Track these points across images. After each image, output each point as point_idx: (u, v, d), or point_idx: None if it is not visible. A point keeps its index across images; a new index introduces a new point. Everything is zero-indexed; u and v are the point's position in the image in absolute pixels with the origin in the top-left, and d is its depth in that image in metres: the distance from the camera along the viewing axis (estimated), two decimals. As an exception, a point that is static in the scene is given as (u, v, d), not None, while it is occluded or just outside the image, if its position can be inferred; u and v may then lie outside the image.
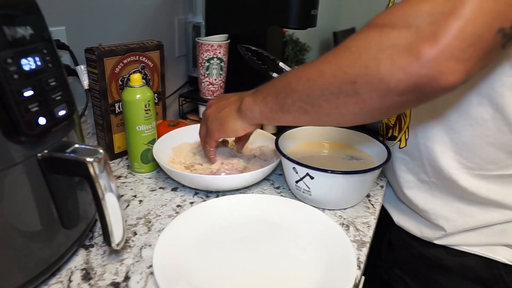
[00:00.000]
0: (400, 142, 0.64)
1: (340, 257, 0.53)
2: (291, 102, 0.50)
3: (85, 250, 0.54)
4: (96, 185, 0.44)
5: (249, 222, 0.61)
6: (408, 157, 0.63)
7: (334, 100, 0.44)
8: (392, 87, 0.38)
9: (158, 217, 0.62)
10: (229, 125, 0.61)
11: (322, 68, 0.45)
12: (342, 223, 0.62)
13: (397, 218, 0.71)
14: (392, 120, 0.66)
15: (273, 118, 0.55)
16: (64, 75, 0.46)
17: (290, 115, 0.51)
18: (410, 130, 0.61)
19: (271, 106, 0.54)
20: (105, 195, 0.45)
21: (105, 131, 0.77)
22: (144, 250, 0.55)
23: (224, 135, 0.65)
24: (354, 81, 0.41)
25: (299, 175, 0.62)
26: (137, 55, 0.77)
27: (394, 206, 0.72)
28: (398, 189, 0.68)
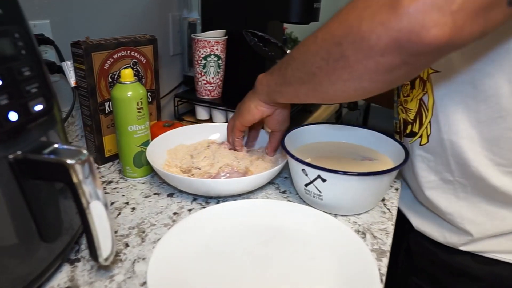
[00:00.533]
0: (421, 139, 0.58)
1: (360, 269, 0.46)
2: (291, 72, 0.50)
3: (70, 265, 0.48)
4: (79, 192, 0.38)
5: (254, 230, 0.55)
6: (430, 155, 0.58)
7: (325, 66, 0.44)
8: (373, 45, 0.37)
9: (153, 226, 0.56)
10: (244, 106, 0.63)
11: (316, 34, 0.45)
12: (358, 230, 0.56)
13: (416, 223, 0.65)
14: (411, 115, 0.60)
15: (278, 91, 0.55)
16: (41, 65, 0.39)
17: (291, 86, 0.52)
18: (433, 125, 0.56)
19: (276, 78, 0.55)
20: (90, 203, 0.39)
21: (94, 132, 0.70)
22: (137, 264, 0.49)
23: (241, 118, 0.64)
24: (339, 42, 0.40)
25: (309, 178, 0.56)
26: (128, 50, 0.71)
27: (413, 210, 0.66)
28: (418, 191, 0.62)
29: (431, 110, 0.56)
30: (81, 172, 0.37)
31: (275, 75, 0.55)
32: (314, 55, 0.45)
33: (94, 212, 0.39)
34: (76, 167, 0.37)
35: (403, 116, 0.62)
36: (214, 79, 0.97)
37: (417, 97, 0.58)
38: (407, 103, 0.61)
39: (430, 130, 0.56)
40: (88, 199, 0.39)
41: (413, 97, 0.59)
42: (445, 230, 0.60)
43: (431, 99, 0.55)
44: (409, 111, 0.60)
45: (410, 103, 0.60)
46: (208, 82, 0.97)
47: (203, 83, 0.97)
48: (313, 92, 0.49)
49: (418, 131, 0.59)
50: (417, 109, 0.58)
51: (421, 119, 0.58)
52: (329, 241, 0.52)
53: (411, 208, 0.67)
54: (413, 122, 0.60)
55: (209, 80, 0.96)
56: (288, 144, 0.61)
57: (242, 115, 0.64)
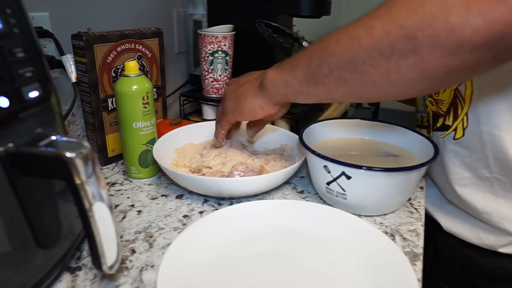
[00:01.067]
0: (455, 132, 0.54)
1: (395, 275, 0.41)
2: (327, 69, 0.41)
3: (71, 274, 0.43)
4: (81, 192, 0.33)
5: (273, 234, 0.50)
6: (464, 150, 0.53)
7: (384, 63, 0.36)
8: (466, 40, 0.30)
9: (162, 230, 0.51)
10: (246, 103, 0.52)
11: (371, 24, 0.36)
12: (385, 232, 0.51)
13: (445, 223, 0.60)
14: (443, 107, 0.55)
15: (301, 92, 0.46)
16: (37, 47, 0.35)
17: (323, 87, 0.42)
18: (470, 117, 0.51)
19: (300, 76, 0.44)
20: (93, 205, 0.34)
21: (96, 131, 0.66)
22: (145, 273, 0.44)
23: (239, 116, 0.55)
24: (413, 36, 0.33)
25: (332, 175, 0.51)
26: (132, 43, 0.66)
27: (441, 209, 0.61)
28: (448, 189, 0.57)
29: (468, 100, 0.51)
30: (82, 168, 0.32)
31: (298, 73, 0.45)
32: (370, 51, 0.36)
33: (97, 215, 0.35)
34: (76, 162, 0.32)
35: (433, 108, 0.58)
36: (222, 76, 0.92)
37: (451, 87, 0.53)
38: (439, 94, 0.56)
39: (467, 122, 0.52)
40: (91, 200, 0.34)
41: None
42: (481, 231, 0.55)
43: (469, 89, 0.51)
44: (441, 102, 0.56)
45: (443, 94, 0.55)
46: (216, 79, 0.92)
47: (210, 80, 0.92)
48: (358, 92, 0.41)
49: (452, 124, 0.54)
50: (451, 100, 0.54)
51: (456, 111, 0.53)
52: (357, 244, 0.47)
53: (439, 207, 0.62)
54: (446, 115, 0.55)
55: (216, 77, 0.92)
56: (305, 141, 0.57)
57: (240, 112, 0.54)
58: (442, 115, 0.56)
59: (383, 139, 0.63)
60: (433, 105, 0.58)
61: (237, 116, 0.55)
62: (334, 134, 0.65)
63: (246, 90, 0.53)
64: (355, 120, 0.66)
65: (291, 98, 0.49)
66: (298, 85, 0.45)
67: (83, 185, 0.33)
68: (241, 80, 0.56)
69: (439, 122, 0.57)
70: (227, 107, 0.55)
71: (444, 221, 0.61)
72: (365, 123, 0.65)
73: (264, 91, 0.50)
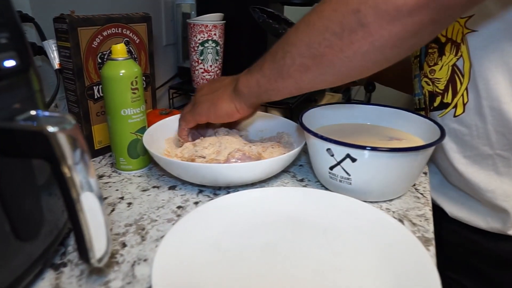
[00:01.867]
0: (455, 109, 0.52)
1: (411, 262, 0.38)
2: (290, 60, 0.43)
3: (55, 271, 0.39)
4: (65, 173, 0.29)
5: (273, 223, 0.47)
6: (464, 128, 0.51)
7: (338, 42, 0.38)
8: (401, 5, 0.33)
9: (154, 222, 0.47)
10: (222, 107, 0.54)
11: (322, 8, 0.39)
12: (393, 217, 0.48)
13: (450, 209, 0.58)
14: (440, 85, 0.53)
15: (272, 89, 0.48)
16: (12, 12, 0.31)
17: (290, 79, 0.45)
18: (470, 91, 0.50)
19: (269, 74, 0.47)
20: (81, 195, 0.30)
21: (82, 121, 0.62)
22: (138, 267, 0.40)
23: (215, 118, 0.57)
24: (357, 9, 0.36)
25: (336, 159, 0.48)
26: (119, 27, 0.63)
27: (445, 195, 0.59)
28: (450, 171, 0.55)
29: (467, 75, 0.49)
30: (66, 146, 0.29)
31: (265, 71, 0.47)
32: (322, 32, 0.39)
33: (85, 205, 0.31)
34: (59, 137, 0.28)
35: (429, 88, 0.56)
36: (212, 67, 0.89)
37: (448, 64, 0.51)
38: (435, 73, 0.54)
39: (467, 97, 0.50)
40: (78, 190, 0.30)
41: (443, 64, 0.52)
42: (487, 214, 0.53)
43: (467, 63, 0.49)
44: (438, 81, 0.54)
45: (439, 72, 0.53)
46: (206, 70, 0.89)
47: (201, 71, 0.89)
48: (321, 77, 0.43)
49: (451, 101, 0.52)
50: (448, 76, 0.52)
51: (455, 87, 0.51)
52: (366, 230, 0.44)
53: (442, 193, 0.60)
54: (444, 92, 0.53)
55: (206, 68, 0.88)
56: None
57: (217, 115, 0.55)
58: (440, 94, 0.54)
59: (385, 123, 0.61)
60: (429, 85, 0.56)
61: (212, 118, 0.56)
62: (334, 119, 0.62)
63: (221, 95, 0.54)
64: (356, 105, 0.63)
65: (265, 98, 0.50)
66: (268, 83, 0.47)
67: (68, 167, 0.29)
68: (213, 85, 0.57)
69: (436, 101, 0.55)
70: (201, 109, 0.56)
71: (448, 207, 0.58)
72: (365, 107, 0.62)
73: (239, 95, 0.52)
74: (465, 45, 0.50)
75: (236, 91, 0.52)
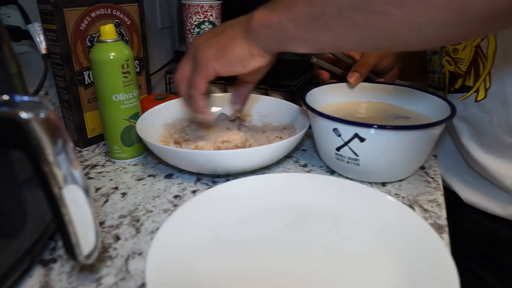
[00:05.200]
0: (477, 93, 0.48)
1: (423, 249, 0.36)
2: (335, 9, 0.33)
3: (44, 267, 0.37)
4: (43, 164, 0.26)
5: (276, 211, 0.44)
6: (485, 114, 0.48)
7: (411, 2, 0.28)
8: None
9: (150, 213, 0.45)
10: (234, 50, 0.42)
11: None
12: (403, 203, 0.46)
13: (465, 195, 0.55)
14: (463, 66, 0.49)
15: (299, 38, 0.38)
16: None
17: (329, 32, 0.35)
18: (493, 76, 0.46)
19: (300, 18, 0.36)
20: (63, 189, 0.28)
21: (73, 109, 0.59)
22: (132, 262, 0.37)
23: (224, 67, 0.43)
24: None
25: (343, 139, 0.45)
26: (108, 8, 0.59)
27: (460, 179, 0.56)
28: (467, 157, 0.52)
29: (491, 58, 0.45)
30: (43, 134, 0.26)
31: (295, 13, 0.36)
32: None
33: (69, 199, 0.28)
34: (34, 125, 0.25)
35: (450, 68, 0.52)
36: (210, 50, 0.85)
37: (472, 44, 0.47)
38: (458, 52, 0.50)
39: (490, 82, 0.46)
40: (60, 183, 0.27)
41: (466, 44, 0.48)
42: (506, 201, 0.50)
43: (492, 45, 0.45)
44: (460, 61, 0.50)
45: (462, 52, 0.49)
46: (203, 53, 0.85)
47: (198, 55, 0.85)
48: (371, 41, 0.34)
49: (473, 84, 0.48)
50: (471, 58, 0.48)
51: (477, 70, 0.47)
52: (373, 216, 0.42)
53: (457, 177, 0.57)
54: (466, 75, 0.49)
55: (204, 51, 0.85)
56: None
57: (227, 62, 0.43)
58: (462, 75, 0.50)
59: (391, 101, 0.57)
60: (450, 65, 0.52)
61: (222, 67, 0.43)
62: (339, 98, 0.58)
63: (231, 35, 0.42)
64: (361, 82, 0.60)
65: (287, 46, 0.40)
66: (296, 29, 0.37)
67: (46, 159, 0.26)
68: (215, 30, 0.46)
69: (457, 83, 0.51)
70: (204, 58, 0.44)
71: (463, 192, 0.55)
72: (370, 85, 0.59)
73: (254, 36, 0.41)
74: None
75: (249, 32, 0.41)
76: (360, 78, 0.58)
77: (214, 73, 0.44)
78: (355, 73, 0.57)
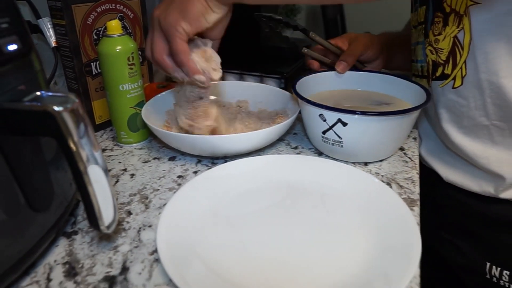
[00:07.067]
0: (454, 81, 0.53)
1: (395, 219, 0.42)
2: None
3: (67, 238, 0.42)
4: (72, 149, 0.32)
5: (269, 189, 0.50)
6: (462, 99, 0.53)
7: None
8: None
9: (156, 191, 0.50)
10: (193, 8, 0.45)
11: None
12: (381, 180, 0.51)
13: (445, 174, 0.60)
14: (443, 55, 0.54)
15: None
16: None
17: None
18: (469, 65, 0.51)
19: None
20: (88, 167, 0.33)
21: (81, 97, 0.63)
22: (144, 233, 0.43)
23: (191, 24, 0.46)
24: None
25: (328, 123, 0.50)
26: (112, 3, 0.63)
27: (440, 160, 0.61)
28: (447, 139, 0.57)
29: (467, 48, 0.50)
30: (71, 123, 0.31)
31: None
32: None
33: (92, 178, 0.34)
34: (64, 116, 0.30)
35: (433, 57, 0.56)
36: (207, 38, 0.89)
37: (450, 35, 0.52)
38: (439, 43, 0.55)
39: (466, 70, 0.51)
40: (85, 163, 0.33)
41: (446, 35, 0.53)
42: (481, 179, 0.55)
43: (467, 36, 0.50)
44: (441, 51, 0.54)
45: (442, 43, 0.54)
46: (201, 42, 0.89)
47: (196, 43, 0.89)
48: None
49: (451, 72, 0.53)
50: (450, 48, 0.53)
51: (455, 59, 0.52)
52: (352, 192, 0.47)
53: (438, 158, 0.62)
54: (445, 63, 0.54)
55: (201, 39, 0.89)
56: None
57: (191, 18, 0.46)
58: (442, 64, 0.55)
59: (375, 88, 0.63)
60: (433, 54, 0.57)
61: (189, 25, 0.46)
62: (327, 86, 0.64)
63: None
64: (348, 71, 0.65)
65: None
66: None
67: (75, 143, 0.32)
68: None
69: (438, 71, 0.56)
70: (171, 21, 0.46)
71: (443, 172, 0.61)
72: (356, 74, 0.64)
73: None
74: (467, 17, 0.50)
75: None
76: (347, 66, 0.63)
77: (185, 33, 0.47)
78: (343, 62, 0.63)
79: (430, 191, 0.64)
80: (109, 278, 0.37)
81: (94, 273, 0.38)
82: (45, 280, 0.37)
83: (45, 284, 0.36)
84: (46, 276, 0.37)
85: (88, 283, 0.36)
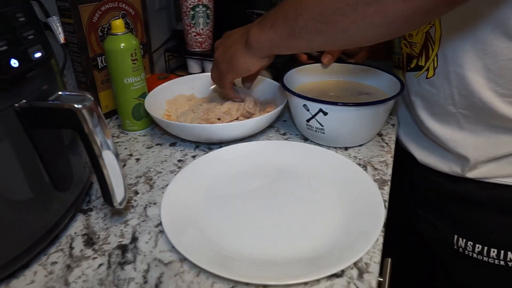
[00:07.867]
0: (427, 72, 0.59)
1: (365, 197, 0.49)
2: (303, 23, 0.46)
3: (84, 214, 0.49)
4: (90, 139, 0.38)
5: (259, 170, 0.57)
6: (434, 89, 0.58)
7: (351, 12, 0.41)
8: None
9: (159, 174, 0.57)
10: (238, 63, 0.58)
11: None
12: (358, 163, 0.58)
13: (420, 156, 0.67)
14: (416, 49, 0.60)
15: (283, 45, 0.52)
16: (34, 11, 0.38)
17: (302, 39, 0.48)
18: (439, 58, 0.56)
19: (280, 32, 0.50)
20: (103, 152, 0.39)
21: (89, 89, 0.70)
22: (149, 209, 0.50)
23: (236, 75, 0.61)
24: None
25: (311, 113, 0.57)
26: (115, 1, 0.69)
27: (416, 144, 0.68)
28: (421, 124, 0.64)
29: (437, 42, 0.56)
30: (89, 117, 0.37)
31: (278, 29, 0.50)
32: (337, 2, 0.42)
33: (106, 161, 0.40)
34: (84, 112, 0.37)
35: (407, 50, 0.62)
36: (204, 30, 0.95)
37: (423, 30, 0.58)
38: (412, 37, 0.60)
39: (437, 63, 0.57)
40: (100, 147, 0.39)
41: (419, 30, 0.59)
42: (450, 160, 0.62)
43: (438, 32, 0.55)
44: (414, 45, 0.60)
45: (416, 37, 0.59)
46: (198, 33, 0.95)
47: (193, 35, 0.95)
48: (332, 41, 0.48)
49: (424, 64, 0.59)
50: (423, 42, 0.58)
51: (427, 53, 0.58)
52: (334, 174, 0.54)
53: (414, 142, 0.68)
54: (419, 56, 0.60)
55: (198, 31, 0.94)
56: (286, 85, 0.62)
57: (236, 71, 0.60)
58: (416, 57, 0.60)
59: (357, 79, 0.69)
60: (407, 48, 0.62)
61: (234, 75, 0.61)
62: (313, 78, 0.70)
63: (235, 52, 0.58)
64: (332, 64, 0.70)
65: (276, 51, 0.55)
66: (279, 40, 0.51)
67: (92, 133, 0.38)
68: (226, 42, 0.61)
69: (413, 63, 0.61)
70: (222, 70, 0.61)
71: (418, 154, 0.67)
72: (341, 66, 0.70)
73: (251, 49, 0.55)
74: None
75: (248, 46, 0.56)
76: (332, 59, 0.69)
77: (232, 79, 0.63)
78: (328, 55, 0.69)
79: (408, 172, 0.71)
80: (121, 246, 0.44)
81: (109, 242, 0.45)
82: (68, 248, 0.44)
83: (69, 251, 0.43)
84: (69, 245, 0.44)
85: (104, 250, 0.43)
